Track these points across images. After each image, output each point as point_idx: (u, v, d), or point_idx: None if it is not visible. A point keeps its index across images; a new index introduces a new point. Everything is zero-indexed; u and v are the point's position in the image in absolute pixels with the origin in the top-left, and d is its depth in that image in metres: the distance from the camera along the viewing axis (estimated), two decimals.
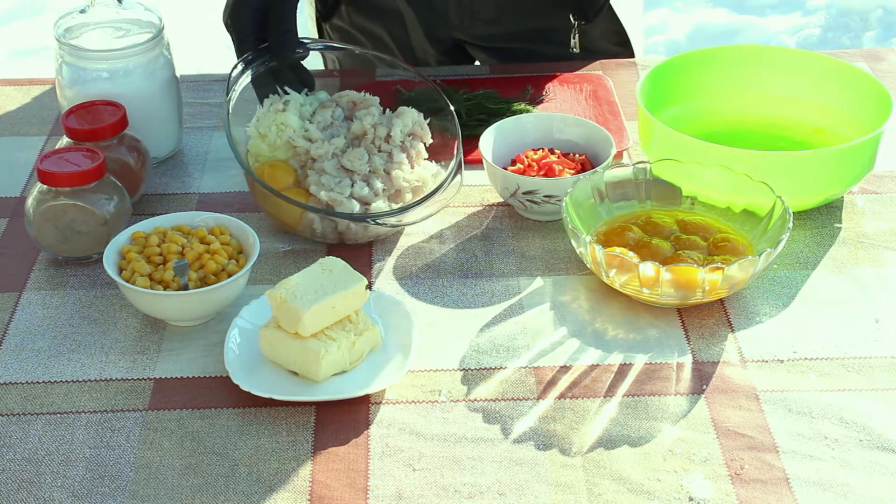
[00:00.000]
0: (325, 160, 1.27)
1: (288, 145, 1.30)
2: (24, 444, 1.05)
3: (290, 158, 1.29)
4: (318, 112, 1.32)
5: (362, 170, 1.27)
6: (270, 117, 1.30)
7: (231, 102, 1.29)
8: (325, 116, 1.32)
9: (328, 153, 1.28)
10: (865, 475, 1.00)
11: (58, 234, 1.24)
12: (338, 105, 1.34)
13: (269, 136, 1.30)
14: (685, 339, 1.15)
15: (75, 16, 1.40)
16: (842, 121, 1.39)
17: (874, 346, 1.14)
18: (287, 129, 1.29)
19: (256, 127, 1.31)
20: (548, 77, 1.58)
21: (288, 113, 1.30)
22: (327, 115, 1.32)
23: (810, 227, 1.30)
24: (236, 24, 1.34)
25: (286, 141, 1.29)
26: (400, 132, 1.31)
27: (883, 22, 3.89)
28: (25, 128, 1.52)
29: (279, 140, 1.30)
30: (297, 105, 1.32)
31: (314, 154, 1.28)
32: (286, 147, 1.30)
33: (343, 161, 1.28)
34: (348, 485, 1.00)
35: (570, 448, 1.03)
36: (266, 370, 1.11)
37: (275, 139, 1.30)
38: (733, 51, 1.45)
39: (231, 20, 1.34)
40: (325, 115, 1.32)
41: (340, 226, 1.25)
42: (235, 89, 1.30)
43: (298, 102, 1.32)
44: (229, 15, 1.34)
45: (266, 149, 1.30)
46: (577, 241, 1.18)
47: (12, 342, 1.17)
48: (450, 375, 1.11)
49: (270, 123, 1.30)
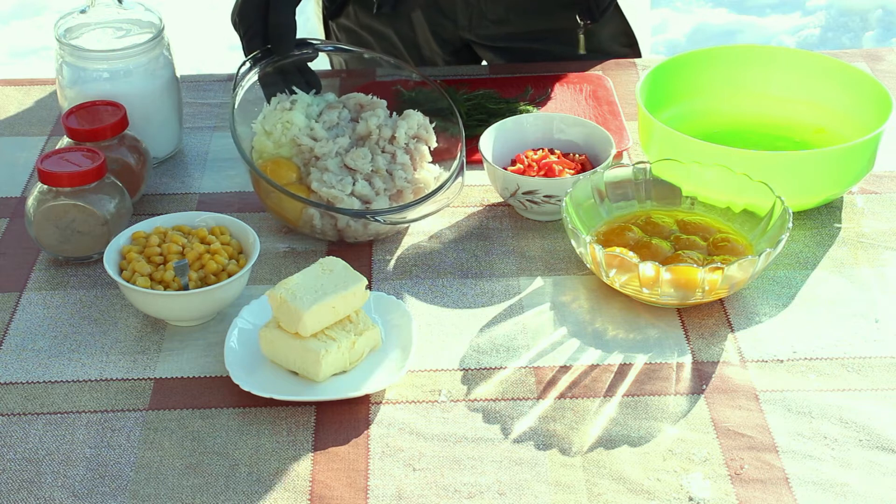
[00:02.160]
0: (328, 158, 1.28)
1: (292, 143, 1.30)
2: (24, 444, 1.05)
3: (294, 156, 1.30)
4: (324, 112, 1.33)
5: (365, 169, 1.28)
6: (277, 115, 1.30)
7: (237, 99, 1.29)
8: (331, 116, 1.32)
9: (332, 152, 1.28)
10: (865, 475, 1.00)
11: (58, 234, 1.24)
12: (344, 107, 1.35)
13: (275, 134, 1.30)
14: (685, 339, 1.15)
15: (75, 16, 1.40)
16: (842, 121, 1.39)
17: (874, 346, 1.14)
18: (292, 128, 1.29)
19: (262, 124, 1.31)
20: (548, 77, 1.58)
21: (294, 111, 1.30)
22: (333, 116, 1.32)
23: (810, 227, 1.30)
24: (243, 21, 1.35)
25: (291, 139, 1.29)
26: (405, 134, 1.31)
27: (883, 22, 3.89)
28: (26, 128, 1.52)
29: (284, 138, 1.30)
30: (304, 105, 1.32)
31: (318, 152, 1.28)
32: (290, 145, 1.30)
33: (346, 160, 1.28)
34: (348, 485, 1.00)
35: (570, 448, 1.03)
36: (266, 370, 1.11)
37: (280, 136, 1.30)
38: (733, 51, 1.45)
39: (239, 17, 1.35)
40: (331, 115, 1.32)
41: (340, 223, 1.25)
42: (242, 85, 1.31)
43: (305, 102, 1.32)
44: (237, 13, 1.35)
45: (271, 146, 1.30)
46: (577, 241, 1.18)
47: (12, 342, 1.17)
48: (450, 375, 1.12)
49: (276, 121, 1.30)
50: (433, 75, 1.59)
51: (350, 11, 1.72)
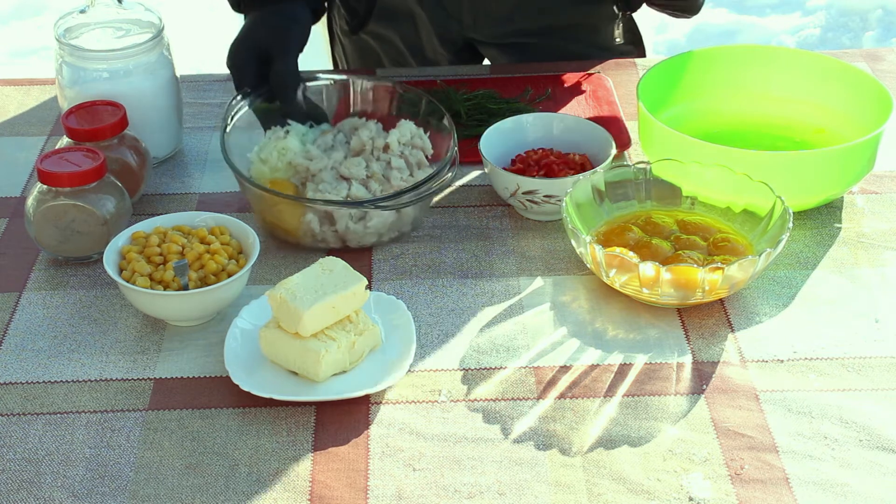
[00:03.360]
0: (324, 171, 1.27)
1: (288, 167, 1.29)
2: (24, 444, 1.05)
3: (291, 177, 1.29)
4: (319, 138, 1.33)
5: (359, 175, 1.27)
6: (272, 144, 1.31)
7: (227, 129, 1.30)
8: (326, 139, 1.32)
9: (327, 166, 1.28)
10: (865, 475, 1.00)
11: (58, 234, 1.24)
12: (340, 131, 1.35)
13: (271, 161, 1.30)
14: (685, 339, 1.15)
15: (75, 16, 1.40)
16: (842, 121, 1.39)
17: (874, 346, 1.14)
18: (288, 153, 1.29)
19: (258, 154, 1.31)
20: (548, 77, 1.58)
21: (289, 138, 1.31)
22: (328, 138, 1.33)
23: (810, 227, 1.30)
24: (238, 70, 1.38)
25: (287, 163, 1.29)
26: (398, 142, 1.30)
27: (883, 22, 3.89)
28: (25, 128, 1.52)
29: (280, 163, 1.30)
30: (300, 133, 1.33)
31: (313, 169, 1.28)
32: (287, 169, 1.29)
33: (341, 170, 1.28)
34: (348, 485, 1.00)
35: (570, 448, 1.03)
36: (266, 370, 1.11)
37: (276, 162, 1.30)
38: (733, 51, 1.45)
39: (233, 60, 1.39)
40: (326, 138, 1.33)
41: (339, 226, 1.25)
42: (232, 117, 1.31)
43: (300, 132, 1.33)
44: (232, 61, 1.39)
45: (267, 171, 1.30)
46: (577, 241, 1.18)
47: (12, 342, 1.17)
48: (450, 375, 1.12)
49: (272, 149, 1.30)
50: (434, 75, 1.59)
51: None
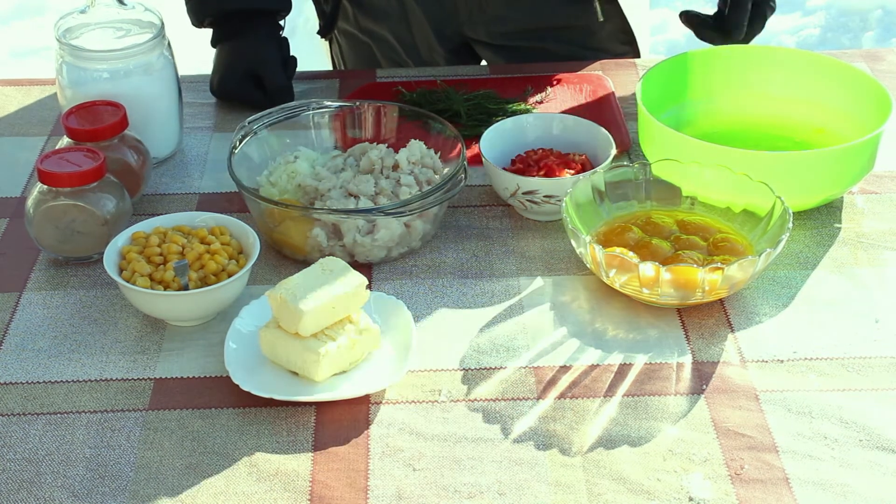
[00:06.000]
0: (332, 190, 1.27)
1: (297, 189, 1.29)
2: (24, 444, 1.05)
3: (301, 198, 1.29)
4: (329, 161, 1.33)
5: (368, 192, 1.26)
6: (281, 168, 1.31)
7: (235, 152, 1.30)
8: (335, 163, 1.32)
9: (336, 185, 1.27)
10: (865, 475, 1.00)
11: (58, 234, 1.24)
12: (350, 155, 1.34)
13: (280, 183, 1.29)
14: (685, 339, 1.15)
15: (76, 16, 1.40)
16: (842, 121, 1.39)
17: (874, 346, 1.14)
18: (297, 175, 1.29)
19: (267, 178, 1.31)
20: (548, 77, 1.58)
21: (299, 162, 1.31)
22: (338, 161, 1.32)
23: (810, 227, 1.30)
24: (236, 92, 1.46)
25: (296, 186, 1.29)
26: (407, 161, 1.30)
27: (883, 22, 3.89)
28: (26, 128, 1.52)
29: (289, 185, 1.29)
30: (310, 159, 1.32)
31: (322, 189, 1.27)
32: (295, 191, 1.29)
33: (349, 188, 1.27)
34: (348, 485, 1.00)
35: (569, 448, 1.03)
36: (266, 370, 1.11)
37: (285, 185, 1.29)
38: (733, 51, 1.46)
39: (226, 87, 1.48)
40: (336, 161, 1.32)
41: (347, 240, 1.24)
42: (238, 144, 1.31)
43: (311, 157, 1.33)
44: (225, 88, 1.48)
45: (276, 193, 1.29)
46: (577, 242, 1.18)
47: (12, 342, 1.17)
48: (450, 375, 1.11)
49: (282, 172, 1.30)
50: (433, 75, 1.59)
51: (350, 15, 1.73)
